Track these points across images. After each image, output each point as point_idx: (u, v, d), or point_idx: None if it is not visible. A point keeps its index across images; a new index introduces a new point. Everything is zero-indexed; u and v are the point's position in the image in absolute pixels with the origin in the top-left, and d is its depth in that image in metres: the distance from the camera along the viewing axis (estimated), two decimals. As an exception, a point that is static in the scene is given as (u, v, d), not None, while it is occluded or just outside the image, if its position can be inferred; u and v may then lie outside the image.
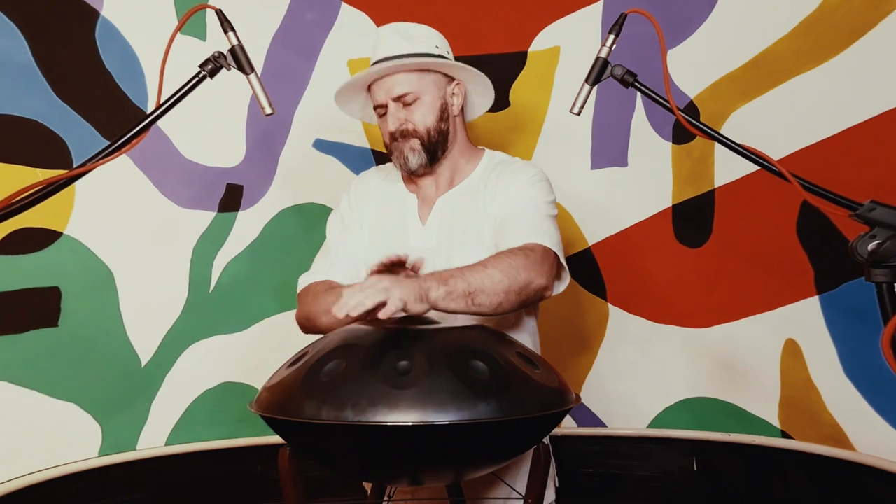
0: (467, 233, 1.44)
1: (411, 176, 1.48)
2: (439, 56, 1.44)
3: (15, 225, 1.79)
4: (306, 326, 1.44)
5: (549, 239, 1.34)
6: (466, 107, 1.54)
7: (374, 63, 1.43)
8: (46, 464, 1.85)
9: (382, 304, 1.06)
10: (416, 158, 1.42)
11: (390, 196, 1.52)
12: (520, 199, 1.40)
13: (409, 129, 1.42)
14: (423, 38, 1.45)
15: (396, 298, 1.07)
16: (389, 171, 1.56)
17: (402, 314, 1.11)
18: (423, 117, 1.42)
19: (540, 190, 1.43)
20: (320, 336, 1.17)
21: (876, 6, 1.69)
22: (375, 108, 1.46)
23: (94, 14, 1.91)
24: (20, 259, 1.84)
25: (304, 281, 1.48)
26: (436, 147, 1.44)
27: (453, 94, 1.48)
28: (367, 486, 1.47)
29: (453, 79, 1.47)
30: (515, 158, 1.53)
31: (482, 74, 1.48)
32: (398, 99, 1.42)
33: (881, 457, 1.71)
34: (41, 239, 1.86)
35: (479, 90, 1.53)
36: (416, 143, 1.42)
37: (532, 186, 1.43)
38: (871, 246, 0.95)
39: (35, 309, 1.85)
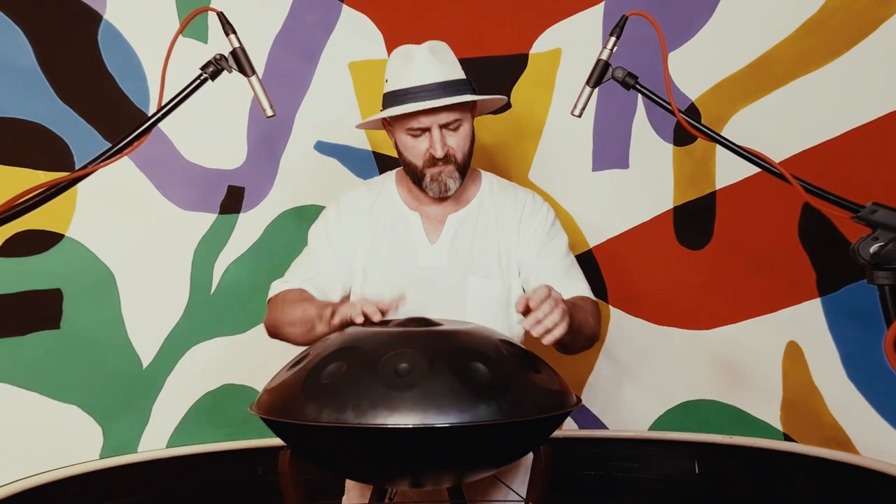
0: (485, 259, 1.44)
1: (440, 198, 1.45)
2: (470, 82, 1.43)
3: (17, 227, 1.79)
4: (272, 333, 1.44)
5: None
6: None
7: (419, 86, 1.37)
8: (48, 466, 1.85)
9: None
10: (454, 184, 1.43)
11: (388, 213, 1.49)
12: (560, 247, 1.48)
13: (453, 155, 1.41)
14: (453, 62, 1.44)
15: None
16: (381, 188, 1.53)
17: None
18: (464, 144, 1.43)
19: (564, 234, 1.51)
20: (322, 338, 1.17)
21: (878, 7, 1.68)
22: (411, 129, 1.41)
23: (96, 17, 1.91)
24: (22, 261, 1.84)
25: (276, 287, 1.47)
26: (465, 171, 1.46)
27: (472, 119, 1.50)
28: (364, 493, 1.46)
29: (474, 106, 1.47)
30: (515, 184, 1.56)
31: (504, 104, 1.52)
32: (445, 125, 1.40)
33: (885, 460, 1.71)
34: (43, 241, 1.86)
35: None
36: (454, 169, 1.42)
37: (561, 231, 1.51)
38: (873, 248, 0.95)
39: (37, 311, 1.85)
